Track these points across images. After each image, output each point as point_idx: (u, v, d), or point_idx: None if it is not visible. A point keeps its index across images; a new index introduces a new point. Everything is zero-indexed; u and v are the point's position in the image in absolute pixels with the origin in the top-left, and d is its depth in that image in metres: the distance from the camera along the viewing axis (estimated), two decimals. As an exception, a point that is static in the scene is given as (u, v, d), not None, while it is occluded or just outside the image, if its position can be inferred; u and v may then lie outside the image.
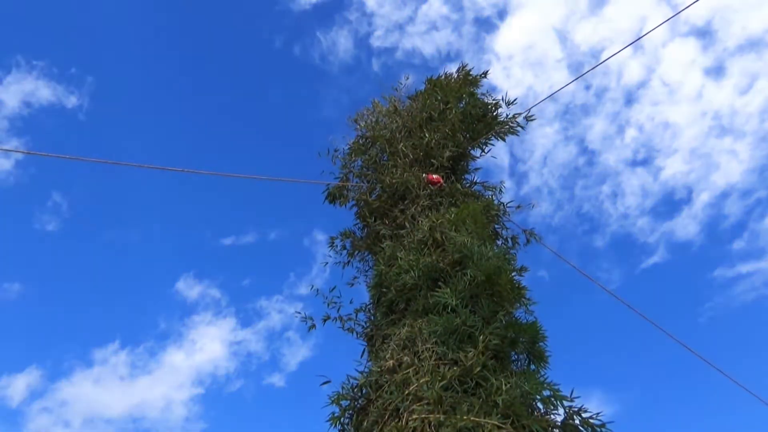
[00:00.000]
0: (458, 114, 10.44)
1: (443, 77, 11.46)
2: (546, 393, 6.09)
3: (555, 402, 6.07)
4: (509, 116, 10.73)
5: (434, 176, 9.52)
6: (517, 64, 27.39)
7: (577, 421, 5.99)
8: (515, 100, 10.73)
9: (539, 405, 6.15)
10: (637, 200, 25.62)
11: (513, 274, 7.67)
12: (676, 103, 26.79)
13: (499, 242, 9.44)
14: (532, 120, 10.60)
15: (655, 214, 25.44)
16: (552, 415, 6.09)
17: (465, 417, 5.55)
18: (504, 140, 10.79)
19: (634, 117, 26.41)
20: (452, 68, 11.68)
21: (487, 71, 11.44)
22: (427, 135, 10.15)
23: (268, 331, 26.07)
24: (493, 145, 10.81)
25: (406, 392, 6.11)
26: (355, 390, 6.84)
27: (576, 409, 6.03)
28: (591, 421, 5.97)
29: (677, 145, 25.89)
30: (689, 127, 26.27)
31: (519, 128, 10.69)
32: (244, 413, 25.22)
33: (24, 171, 25.67)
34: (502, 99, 10.86)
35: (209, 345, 26.14)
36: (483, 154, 10.81)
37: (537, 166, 26.20)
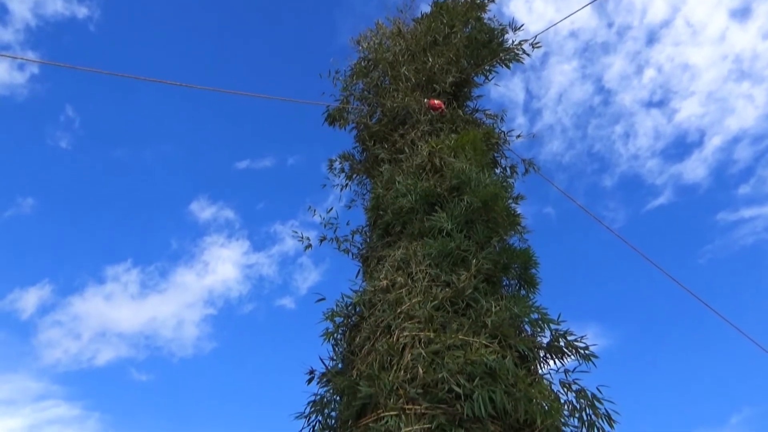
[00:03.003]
0: (463, 39, 10.20)
1: (450, 0, 11.12)
2: (534, 316, 6.27)
3: (542, 325, 6.26)
4: (515, 43, 10.51)
5: (436, 101, 9.41)
6: (540, -2, 26.40)
7: (562, 344, 6.19)
8: (522, 26, 10.48)
9: (527, 327, 6.35)
10: (649, 142, 25.48)
11: (509, 201, 7.73)
12: (698, 45, 26.15)
13: (498, 171, 9.44)
14: (537, 47, 10.40)
15: (665, 156, 25.38)
16: (539, 337, 6.29)
17: (454, 335, 5.74)
18: (509, 68, 10.61)
19: (654, 57, 25.85)
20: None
21: (495, -5, 11.09)
22: (430, 59, 9.96)
23: (281, 256, 26.31)
24: (497, 72, 10.64)
25: (399, 311, 6.28)
26: (349, 308, 7.01)
27: (562, 332, 6.23)
28: (575, 343, 6.18)
29: (694, 88, 25.50)
30: (708, 70, 25.76)
31: (525, 56, 10.50)
32: (255, 333, 25.83)
33: (41, 86, 25.22)
34: (509, 25, 10.59)
35: (221, 267, 26.44)
36: (486, 81, 10.65)
37: (551, 104, 25.88)
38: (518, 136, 9.92)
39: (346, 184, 10.07)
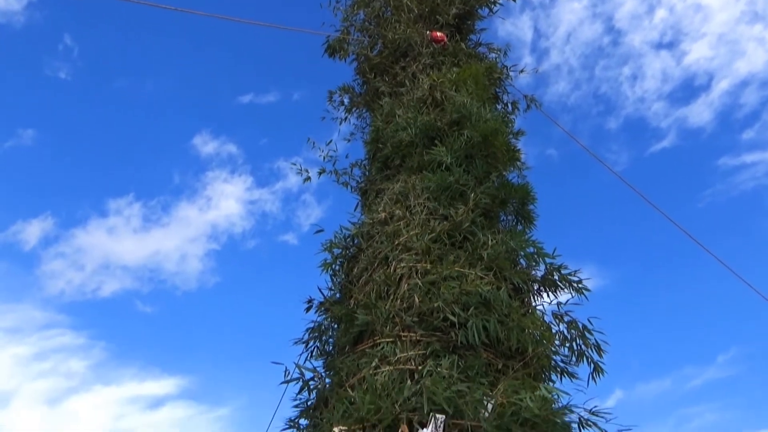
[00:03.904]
0: (468, -32, 9.91)
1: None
2: (530, 250, 6.35)
3: (537, 258, 6.34)
4: (522, -26, 10.22)
5: (438, 34, 9.23)
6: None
7: (556, 277, 6.31)
8: (530, -44, 10.14)
9: (522, 261, 6.44)
10: (656, 84, 24.97)
11: (509, 137, 7.71)
12: (712, -16, 25.28)
13: (499, 106, 9.36)
14: (545, -21, 10.11)
15: (672, 99, 24.95)
16: (533, 271, 6.40)
17: (450, 267, 5.84)
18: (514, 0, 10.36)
19: (667, -4, 25.11)
20: None
21: None
22: (434, -11, 9.70)
23: (284, 193, 26.14)
24: (501, 4, 10.39)
25: (396, 242, 6.35)
26: (348, 240, 7.09)
27: (556, 266, 6.33)
28: (569, 277, 6.30)
29: (706, 30, 24.80)
30: (721, 11, 24.98)
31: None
32: (258, 268, 26.10)
33: (39, 13, 24.31)
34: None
35: (224, 202, 26.34)
36: (491, 14, 10.41)
37: (560, 43, 25.22)
38: (521, 71, 9.81)
39: (346, 117, 10.02)
